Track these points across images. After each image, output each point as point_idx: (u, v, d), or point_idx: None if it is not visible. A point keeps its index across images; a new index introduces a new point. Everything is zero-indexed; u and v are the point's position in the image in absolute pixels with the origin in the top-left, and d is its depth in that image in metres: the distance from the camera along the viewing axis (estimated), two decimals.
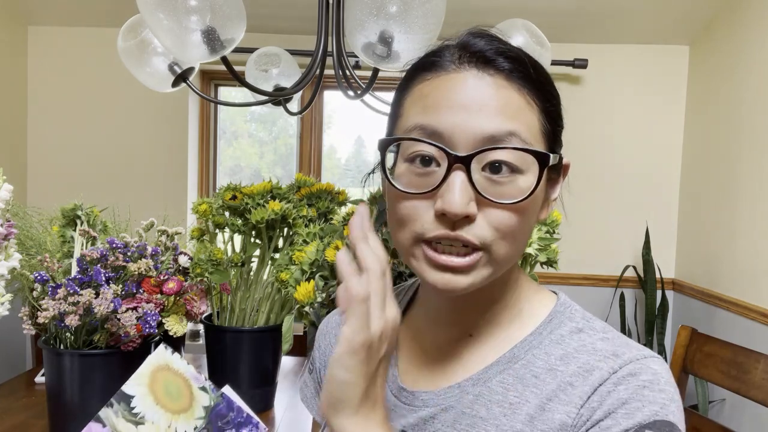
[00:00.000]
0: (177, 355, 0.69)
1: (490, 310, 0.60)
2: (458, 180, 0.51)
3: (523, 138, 0.52)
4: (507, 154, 0.51)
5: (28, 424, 1.31)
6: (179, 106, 2.64)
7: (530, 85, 0.54)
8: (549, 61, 1.27)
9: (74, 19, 2.58)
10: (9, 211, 1.05)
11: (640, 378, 0.52)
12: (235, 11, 1.06)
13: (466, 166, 0.51)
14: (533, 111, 0.54)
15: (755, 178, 2.03)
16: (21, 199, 2.56)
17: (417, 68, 0.57)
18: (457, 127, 0.51)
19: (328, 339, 0.74)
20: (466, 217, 0.51)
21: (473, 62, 0.54)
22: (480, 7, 2.32)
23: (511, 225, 0.53)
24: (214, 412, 0.67)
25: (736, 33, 2.21)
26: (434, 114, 0.53)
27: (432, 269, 0.54)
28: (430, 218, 0.53)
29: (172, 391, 0.68)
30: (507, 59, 0.53)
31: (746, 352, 1.24)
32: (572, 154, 0.61)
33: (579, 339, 0.57)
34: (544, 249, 1.14)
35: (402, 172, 0.55)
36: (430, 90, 0.54)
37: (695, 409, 2.15)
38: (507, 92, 0.53)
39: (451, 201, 0.50)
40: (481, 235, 0.52)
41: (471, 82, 0.53)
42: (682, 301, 2.57)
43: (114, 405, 0.65)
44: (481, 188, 0.51)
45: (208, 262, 1.36)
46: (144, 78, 1.27)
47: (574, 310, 0.61)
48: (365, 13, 1.08)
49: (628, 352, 0.55)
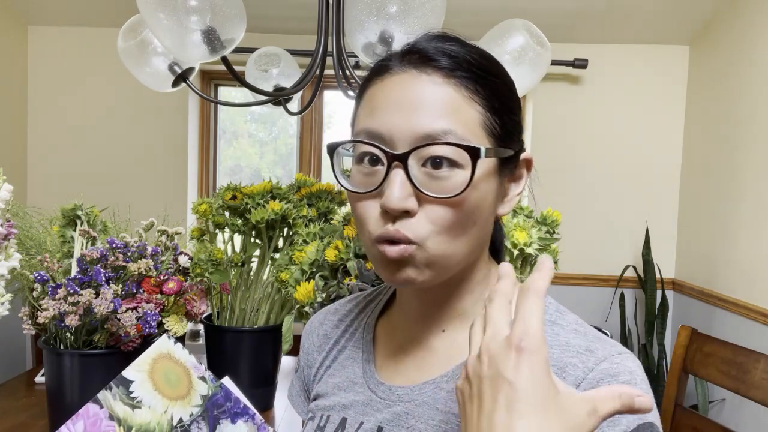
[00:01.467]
0: (179, 345, 0.70)
1: (461, 305, 0.62)
2: (397, 177, 0.53)
3: (459, 135, 0.53)
4: (441, 149, 0.52)
5: (28, 424, 1.31)
6: (179, 106, 2.64)
7: (470, 83, 0.55)
8: (549, 61, 1.26)
9: (74, 19, 2.58)
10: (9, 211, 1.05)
11: (619, 379, 0.52)
12: (235, 11, 1.06)
13: (404, 163, 0.53)
14: (473, 107, 0.54)
15: (755, 178, 2.03)
16: (21, 199, 2.56)
17: (371, 73, 0.59)
18: (395, 126, 0.54)
19: (311, 339, 0.75)
20: (406, 212, 0.53)
21: (413, 62, 0.55)
22: (480, 7, 2.32)
23: (449, 219, 0.53)
24: (211, 401, 0.68)
25: (736, 33, 2.21)
26: (377, 116, 0.55)
27: (382, 267, 0.56)
28: (377, 216, 0.55)
29: (171, 378, 0.68)
30: (447, 57, 0.55)
31: (746, 352, 1.24)
32: (572, 154, 0.61)
33: (552, 332, 0.57)
34: (544, 249, 1.15)
35: (353, 173, 0.58)
36: (375, 92, 0.57)
37: (695, 409, 2.14)
38: (443, 89, 0.54)
39: (389, 196, 0.52)
40: (416, 231, 0.53)
41: (409, 82, 0.55)
42: (682, 301, 2.57)
43: (113, 388, 0.66)
44: (420, 184, 0.53)
45: (208, 262, 1.36)
46: (144, 78, 1.27)
47: (548, 302, 0.61)
48: (365, 13, 1.08)
49: (601, 348, 0.55)
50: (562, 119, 2.59)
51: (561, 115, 2.59)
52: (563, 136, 2.60)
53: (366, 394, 0.64)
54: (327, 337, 0.73)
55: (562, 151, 2.61)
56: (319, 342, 0.74)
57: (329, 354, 0.72)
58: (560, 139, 2.61)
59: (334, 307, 0.77)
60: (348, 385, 0.66)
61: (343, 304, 0.76)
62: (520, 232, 1.09)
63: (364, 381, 0.65)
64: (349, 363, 0.68)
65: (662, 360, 2.44)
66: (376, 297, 0.74)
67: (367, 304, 0.73)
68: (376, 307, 0.72)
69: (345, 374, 0.68)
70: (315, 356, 0.73)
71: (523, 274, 1.12)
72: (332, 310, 0.76)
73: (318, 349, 0.73)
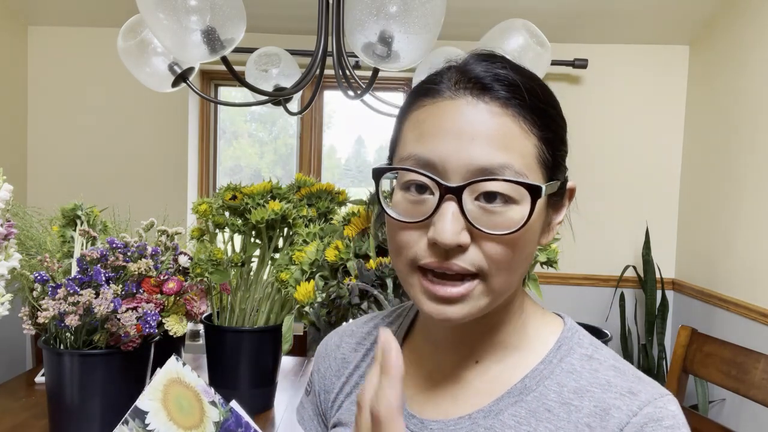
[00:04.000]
0: (188, 368, 0.70)
1: (496, 336, 0.60)
2: (449, 210, 0.51)
3: (516, 169, 0.51)
4: (498, 185, 0.51)
5: (28, 424, 1.31)
6: (179, 106, 2.64)
7: (528, 113, 0.53)
8: (549, 61, 1.27)
9: (74, 19, 2.58)
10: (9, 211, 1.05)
11: (663, 424, 0.52)
12: (235, 11, 1.06)
13: (458, 196, 0.51)
14: (529, 139, 0.53)
15: (755, 178, 2.03)
16: (21, 199, 2.56)
17: (417, 93, 0.56)
18: (449, 157, 0.51)
19: (328, 362, 0.72)
20: (458, 246, 0.51)
21: (469, 89, 0.53)
22: (480, 7, 2.32)
23: (505, 255, 0.52)
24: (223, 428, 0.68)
25: (736, 33, 2.21)
26: (428, 143, 0.52)
27: (427, 300, 0.54)
28: (424, 246, 0.53)
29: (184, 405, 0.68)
30: (504, 86, 0.52)
31: (746, 352, 1.24)
32: (572, 155, 0.61)
33: (590, 368, 0.57)
34: (544, 249, 1.15)
35: (398, 200, 0.55)
36: (426, 117, 0.54)
37: (695, 409, 2.15)
38: (501, 120, 0.52)
39: (442, 230, 0.50)
40: (475, 262, 0.52)
41: (465, 110, 0.52)
42: (682, 301, 2.57)
43: (129, 422, 0.66)
44: (474, 218, 0.51)
45: (208, 262, 1.36)
46: (144, 78, 1.27)
47: (582, 335, 0.60)
48: (365, 13, 1.08)
49: (644, 389, 0.54)
50: None
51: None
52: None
53: None
54: (345, 361, 0.70)
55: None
56: (337, 366, 0.71)
57: (349, 380, 0.69)
58: None
59: (350, 328, 0.74)
60: None
61: (360, 325, 0.73)
62: None
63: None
64: None
65: (662, 360, 2.44)
66: (397, 319, 0.70)
67: (387, 326, 0.70)
68: (398, 330, 0.69)
69: None
70: (333, 381, 0.70)
71: None
72: (348, 332, 0.73)
73: (336, 373, 0.70)
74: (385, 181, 0.57)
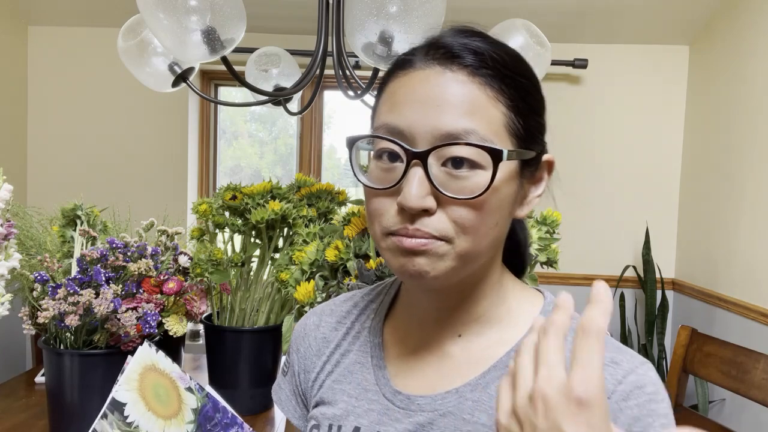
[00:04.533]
0: (161, 353, 0.69)
1: (476, 308, 0.60)
2: (416, 175, 0.52)
3: (481, 135, 0.52)
4: (462, 149, 0.52)
5: (28, 424, 1.31)
6: (179, 106, 2.64)
7: (495, 81, 0.53)
8: (549, 61, 1.27)
9: (74, 19, 2.58)
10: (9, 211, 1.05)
11: (646, 391, 0.53)
12: (235, 11, 1.06)
13: (423, 161, 0.52)
14: (497, 107, 0.53)
15: (755, 178, 2.03)
16: (21, 199, 2.56)
17: (393, 66, 0.58)
18: (416, 123, 0.53)
19: (308, 342, 0.71)
20: (424, 211, 0.52)
21: (437, 58, 0.54)
22: (480, 7, 2.32)
23: (470, 219, 0.53)
24: (201, 415, 0.67)
25: (736, 33, 2.21)
26: (397, 112, 0.54)
27: (396, 256, 0.55)
28: (394, 212, 0.54)
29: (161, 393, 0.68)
30: (472, 54, 0.53)
31: (746, 352, 1.24)
32: (572, 155, 0.61)
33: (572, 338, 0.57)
34: (544, 249, 1.15)
35: (372, 168, 0.57)
36: (398, 87, 0.55)
37: (695, 409, 2.15)
38: (468, 88, 0.53)
39: (407, 195, 0.52)
40: (440, 228, 0.53)
41: (432, 79, 0.53)
42: (682, 301, 2.57)
43: (108, 416, 0.65)
44: (439, 183, 0.52)
45: (208, 262, 1.36)
46: (144, 78, 1.27)
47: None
48: (365, 13, 1.08)
49: (625, 358, 0.56)
50: (562, 119, 2.59)
51: (561, 115, 2.59)
52: (563, 136, 2.60)
53: (382, 402, 0.62)
54: (326, 340, 0.70)
55: (562, 151, 2.60)
56: (318, 345, 0.70)
57: (330, 358, 0.69)
58: (560, 139, 2.60)
59: (329, 307, 0.73)
60: (359, 392, 0.64)
61: (339, 304, 0.73)
62: None
63: (377, 388, 0.63)
64: (357, 368, 0.66)
65: (662, 360, 2.44)
66: (378, 297, 0.70)
67: (368, 304, 0.70)
68: (379, 308, 0.69)
69: (354, 380, 0.65)
70: (314, 360, 0.70)
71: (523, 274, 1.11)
72: (327, 311, 0.72)
73: (317, 353, 0.70)
74: (364, 154, 0.59)
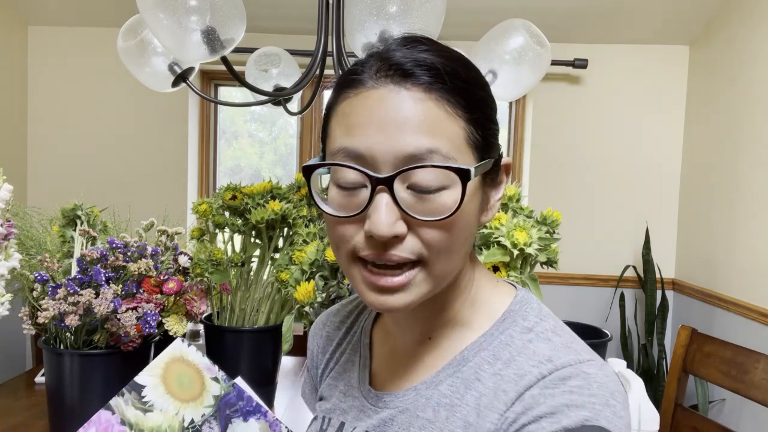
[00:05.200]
0: (193, 348, 0.69)
1: (446, 313, 0.61)
2: (383, 201, 0.50)
3: (444, 153, 0.50)
4: (427, 172, 0.50)
5: (28, 424, 1.31)
6: (179, 106, 2.64)
7: (451, 96, 0.52)
8: (549, 61, 1.26)
9: (74, 19, 2.58)
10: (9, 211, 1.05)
11: (570, 383, 0.51)
12: (235, 11, 1.06)
13: (389, 186, 0.50)
14: (456, 122, 0.52)
15: (755, 178, 2.03)
16: (21, 199, 2.56)
17: (341, 85, 0.55)
18: (377, 147, 0.50)
19: (316, 340, 0.76)
20: (395, 237, 0.51)
21: (390, 76, 0.52)
22: (480, 7, 2.32)
23: (442, 240, 0.52)
24: (223, 401, 0.68)
25: (736, 33, 2.21)
26: (355, 135, 0.52)
27: (369, 291, 0.54)
28: (362, 238, 0.53)
29: (184, 381, 0.68)
30: (425, 70, 0.51)
31: (746, 352, 1.24)
32: (572, 154, 0.61)
33: (526, 339, 0.56)
34: (544, 249, 1.14)
35: (333, 195, 0.54)
36: (351, 109, 0.53)
37: (695, 409, 2.14)
38: (425, 106, 0.51)
39: (376, 223, 0.50)
40: (414, 250, 0.52)
41: (388, 99, 0.51)
42: (682, 301, 2.57)
43: (125, 394, 0.66)
44: (407, 206, 0.51)
45: (208, 262, 1.36)
46: (144, 78, 1.27)
47: (530, 307, 0.60)
48: (365, 13, 1.08)
49: (564, 356, 0.53)
50: (562, 119, 2.59)
51: (561, 115, 2.59)
52: (563, 136, 2.60)
53: (360, 400, 0.65)
54: (329, 338, 0.74)
55: (562, 151, 2.60)
56: (323, 344, 0.74)
57: (332, 356, 0.72)
58: (560, 139, 2.61)
59: (336, 308, 0.77)
60: (347, 389, 0.68)
61: (345, 304, 0.76)
62: (520, 232, 1.09)
63: (358, 386, 0.66)
64: (349, 367, 0.69)
65: (662, 360, 2.44)
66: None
67: (366, 306, 0.73)
68: (372, 311, 0.71)
69: (346, 378, 0.69)
70: (320, 358, 0.74)
71: (523, 273, 1.12)
72: (334, 311, 0.76)
73: (322, 350, 0.74)
74: (325, 177, 0.57)
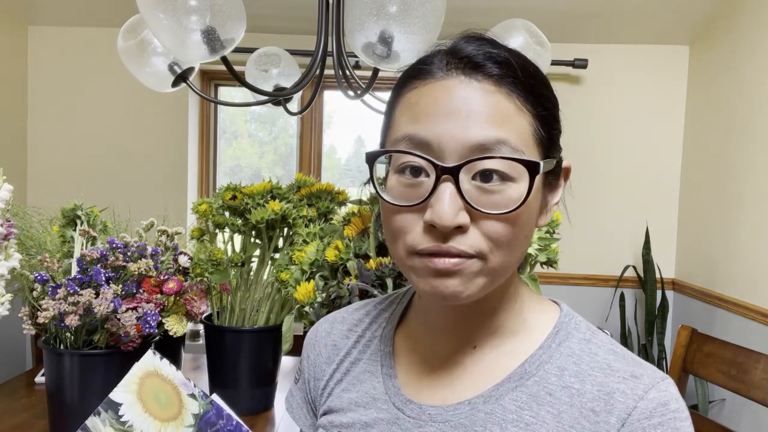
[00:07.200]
0: (166, 361, 0.68)
1: (493, 321, 0.59)
2: (447, 191, 0.49)
3: (512, 145, 0.50)
4: (496, 163, 0.50)
5: (28, 424, 1.31)
6: (179, 106, 2.64)
7: (521, 90, 0.52)
8: (549, 61, 1.27)
9: (74, 19, 2.58)
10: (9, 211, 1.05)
11: (670, 408, 0.53)
12: (235, 11, 1.06)
13: (455, 176, 0.50)
14: (524, 116, 0.52)
15: (755, 178, 2.03)
16: (21, 199, 2.56)
17: (407, 76, 0.56)
18: (445, 136, 0.50)
19: (318, 349, 0.71)
20: (458, 228, 0.50)
21: (461, 68, 0.52)
22: (480, 7, 2.32)
23: (505, 234, 0.51)
24: (203, 420, 0.66)
25: (736, 33, 2.21)
26: (422, 123, 0.51)
27: (426, 278, 0.52)
28: (420, 231, 0.51)
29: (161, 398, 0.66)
30: (496, 64, 0.52)
31: (746, 352, 1.24)
32: (572, 155, 0.61)
33: (589, 351, 0.57)
34: (544, 249, 1.15)
35: (393, 184, 0.53)
36: (418, 98, 0.53)
37: (695, 409, 2.14)
38: (495, 98, 0.51)
39: (440, 213, 0.49)
40: (475, 245, 0.51)
41: (458, 89, 0.51)
42: (682, 301, 2.57)
43: (101, 413, 0.64)
44: (472, 198, 0.50)
45: (208, 262, 1.36)
46: (144, 78, 1.27)
47: (579, 320, 0.60)
48: (365, 13, 1.08)
49: (645, 373, 0.55)
50: (562, 119, 2.59)
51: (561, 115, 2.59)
52: (563, 136, 2.60)
53: (391, 411, 0.61)
54: (336, 347, 0.69)
55: (562, 152, 2.60)
56: (328, 353, 0.70)
57: (340, 366, 0.68)
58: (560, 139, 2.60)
59: (341, 315, 0.73)
60: (368, 401, 0.63)
61: (351, 312, 0.72)
62: None
63: (387, 397, 0.62)
64: (366, 377, 0.65)
65: (662, 360, 2.44)
66: (390, 306, 0.70)
67: (380, 313, 0.70)
68: (392, 317, 0.68)
69: (363, 389, 0.64)
70: (323, 368, 0.69)
71: (522, 274, 1.11)
72: (339, 319, 0.72)
73: (327, 360, 0.69)
74: (380, 166, 0.56)
